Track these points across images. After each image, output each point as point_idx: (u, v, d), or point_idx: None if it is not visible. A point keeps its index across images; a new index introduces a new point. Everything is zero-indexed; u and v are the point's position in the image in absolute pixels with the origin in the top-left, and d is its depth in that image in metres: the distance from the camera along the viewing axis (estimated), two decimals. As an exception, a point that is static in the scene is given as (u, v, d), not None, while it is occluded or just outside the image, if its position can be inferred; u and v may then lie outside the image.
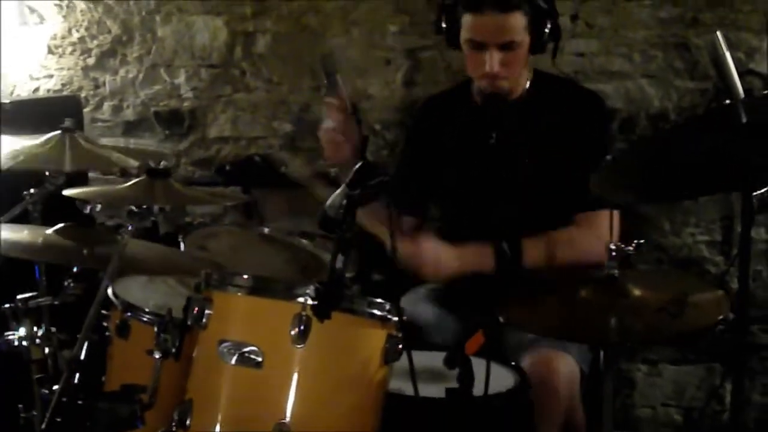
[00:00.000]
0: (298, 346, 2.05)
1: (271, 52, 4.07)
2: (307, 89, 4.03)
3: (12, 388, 2.90)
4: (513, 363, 2.58)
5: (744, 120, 1.94)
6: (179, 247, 3.03)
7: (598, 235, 2.81)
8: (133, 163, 2.72)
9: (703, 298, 2.18)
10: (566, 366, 2.67)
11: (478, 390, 2.30)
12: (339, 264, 1.99)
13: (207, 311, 2.13)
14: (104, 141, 4.05)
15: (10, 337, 2.78)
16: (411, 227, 3.20)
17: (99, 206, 2.50)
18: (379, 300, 2.15)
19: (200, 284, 2.19)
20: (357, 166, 2.06)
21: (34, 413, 2.68)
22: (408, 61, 3.93)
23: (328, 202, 2.08)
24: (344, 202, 2.02)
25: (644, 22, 3.64)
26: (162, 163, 2.28)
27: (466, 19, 2.82)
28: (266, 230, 3.32)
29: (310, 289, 2.06)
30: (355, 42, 3.97)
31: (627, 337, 2.20)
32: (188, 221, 4.18)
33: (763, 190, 2.06)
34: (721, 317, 2.12)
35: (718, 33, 3.04)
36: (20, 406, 2.79)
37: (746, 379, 3.55)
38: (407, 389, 2.35)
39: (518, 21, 2.79)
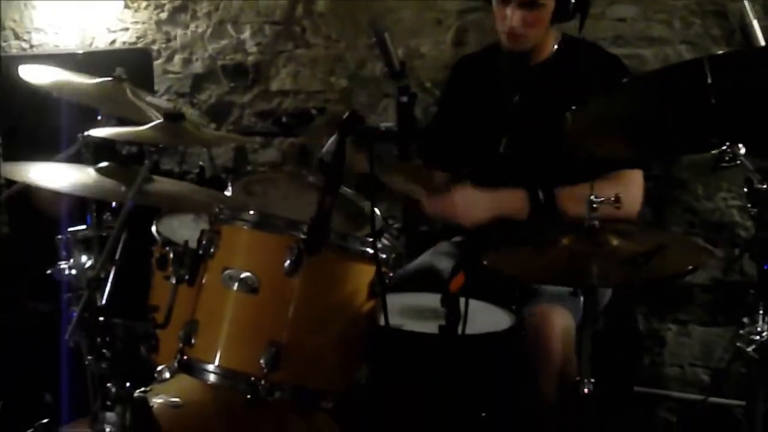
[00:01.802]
0: (291, 276, 2.25)
1: (330, 10, 4.27)
2: (363, 47, 4.22)
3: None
4: (513, 307, 2.75)
5: (709, 80, 2.06)
6: (224, 190, 3.26)
7: (633, 191, 2.97)
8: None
9: (677, 249, 2.31)
10: (563, 319, 2.79)
11: (476, 329, 2.50)
12: (327, 203, 2.18)
13: (215, 242, 2.35)
14: (172, 92, 4.32)
15: (62, 266, 3.02)
16: (442, 181, 3.35)
17: (135, 148, 2.71)
18: (370, 239, 2.34)
19: (212, 218, 2.40)
20: (345, 116, 2.23)
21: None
22: (457, 21, 4.07)
23: (324, 148, 2.27)
24: (335, 148, 2.20)
25: (684, -11, 3.71)
26: (177, 107, 2.47)
27: None
28: (312, 179, 3.52)
29: (305, 226, 2.25)
30: (409, 3, 4.13)
31: (605, 282, 2.35)
32: (249, 169, 4.44)
33: (716, 151, 2.15)
34: (690, 267, 2.24)
35: (746, 1, 3.12)
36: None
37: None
38: (408, 325, 2.55)
39: None
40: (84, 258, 3.00)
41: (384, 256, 2.38)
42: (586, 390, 2.38)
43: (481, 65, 3.29)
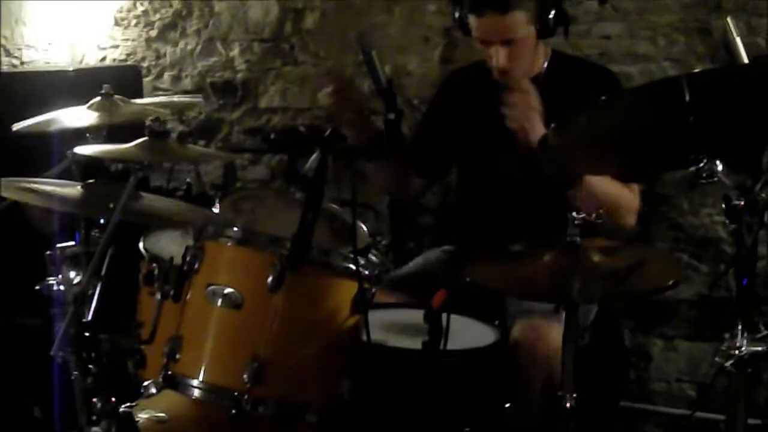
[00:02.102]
0: (274, 292, 2.28)
1: (318, 28, 4.31)
2: (351, 64, 4.23)
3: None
4: (497, 323, 2.76)
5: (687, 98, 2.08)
6: (212, 207, 3.28)
7: (636, 202, 3.01)
8: (164, 113, 2.95)
9: (657, 264, 2.34)
10: (556, 335, 2.75)
11: (460, 344, 2.52)
12: (308, 220, 2.20)
13: (199, 258, 2.37)
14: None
15: (51, 282, 3.03)
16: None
17: (120, 165, 2.74)
18: (351, 255, 2.36)
19: (197, 235, 2.42)
20: (327, 133, 2.26)
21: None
22: (445, 39, 4.10)
23: (307, 164, 2.30)
24: (317, 165, 2.23)
25: (668, 7, 3.73)
26: (160, 126, 2.49)
27: (471, 20, 2.96)
28: (299, 196, 3.54)
29: (288, 243, 2.28)
30: (396, 20, 4.17)
31: (586, 298, 2.37)
32: (238, 186, 4.48)
33: (693, 168, 2.18)
34: (671, 282, 2.27)
35: (729, 18, 3.14)
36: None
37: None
38: (389, 341, 2.58)
39: (519, 18, 2.90)
40: (72, 274, 3.03)
41: (366, 272, 2.40)
42: (568, 404, 2.39)
43: (472, 80, 3.28)
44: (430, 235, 4.16)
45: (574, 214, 2.36)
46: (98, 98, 3.08)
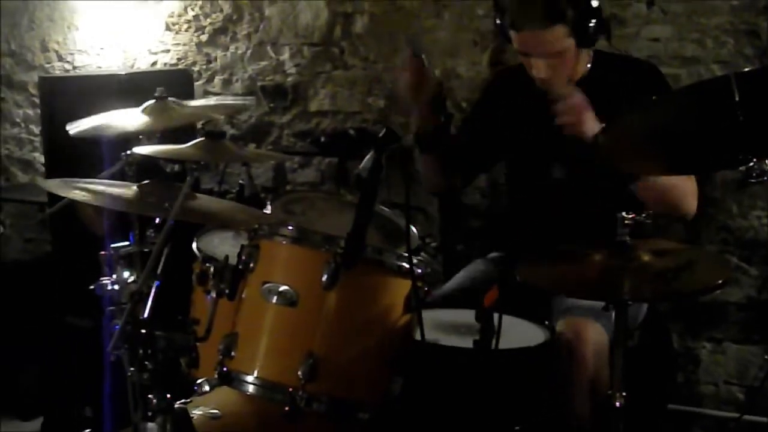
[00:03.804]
0: (328, 289, 2.32)
1: (368, 31, 4.34)
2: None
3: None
4: (546, 322, 2.79)
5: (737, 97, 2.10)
6: (263, 208, 3.32)
7: (695, 187, 3.01)
8: (217, 116, 2.99)
9: (704, 265, 2.35)
10: (596, 334, 2.81)
11: (510, 344, 2.54)
12: (363, 218, 2.24)
13: (254, 257, 2.42)
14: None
15: (105, 282, 3.09)
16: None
17: (177, 166, 2.79)
18: (406, 254, 2.39)
19: (252, 234, 2.47)
20: (381, 133, 2.29)
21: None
22: (494, 42, 4.12)
23: (361, 165, 2.33)
24: (371, 165, 2.27)
25: (717, 9, 3.73)
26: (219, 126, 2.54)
27: (512, 34, 2.98)
28: (349, 198, 3.58)
29: (343, 241, 2.31)
30: (446, 24, 4.20)
31: (636, 296, 2.39)
32: (288, 188, 4.52)
33: (743, 167, 2.18)
34: (720, 282, 2.28)
35: (778, 20, 3.15)
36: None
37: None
38: (443, 340, 2.61)
39: (559, 32, 2.89)
40: (126, 273, 3.08)
41: (419, 270, 2.43)
42: (618, 404, 2.40)
43: (518, 80, 3.27)
44: (480, 238, 4.18)
45: (623, 214, 2.37)
46: (152, 101, 3.12)
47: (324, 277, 2.33)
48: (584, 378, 2.77)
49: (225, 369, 2.40)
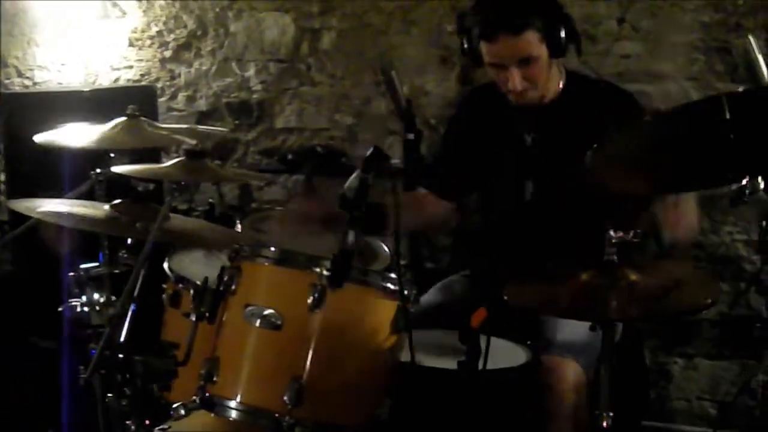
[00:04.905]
0: (314, 311, 2.27)
1: (336, 48, 4.30)
2: (368, 84, 4.24)
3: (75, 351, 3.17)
4: (528, 342, 2.76)
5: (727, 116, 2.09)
6: (234, 227, 3.27)
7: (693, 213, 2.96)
8: (190, 141, 2.93)
9: (693, 284, 2.33)
10: (574, 374, 2.79)
11: (491, 364, 2.50)
12: (350, 239, 2.19)
13: (236, 279, 2.36)
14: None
15: (74, 304, 3.01)
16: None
17: (152, 185, 2.72)
18: (392, 275, 2.35)
19: (233, 255, 2.41)
20: (369, 153, 2.25)
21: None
22: (463, 59, 4.09)
23: (346, 184, 2.29)
24: (358, 184, 2.22)
25: (688, 26, 3.75)
26: (198, 146, 2.49)
27: (483, 46, 2.95)
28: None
29: (328, 262, 2.26)
30: (414, 41, 4.17)
31: (624, 316, 2.37)
32: (254, 206, 4.47)
33: (735, 186, 2.18)
34: (709, 301, 2.27)
35: (750, 37, 3.15)
36: (81, 367, 3.05)
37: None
38: (426, 361, 2.56)
39: (531, 37, 2.89)
40: (96, 295, 3.01)
41: (406, 291, 2.39)
42: (605, 423, 2.38)
43: (490, 100, 3.25)
44: (449, 256, 4.15)
45: (611, 233, 2.35)
46: (123, 118, 3.05)
47: (309, 299, 2.28)
48: (563, 414, 2.75)
49: (207, 394, 2.34)
